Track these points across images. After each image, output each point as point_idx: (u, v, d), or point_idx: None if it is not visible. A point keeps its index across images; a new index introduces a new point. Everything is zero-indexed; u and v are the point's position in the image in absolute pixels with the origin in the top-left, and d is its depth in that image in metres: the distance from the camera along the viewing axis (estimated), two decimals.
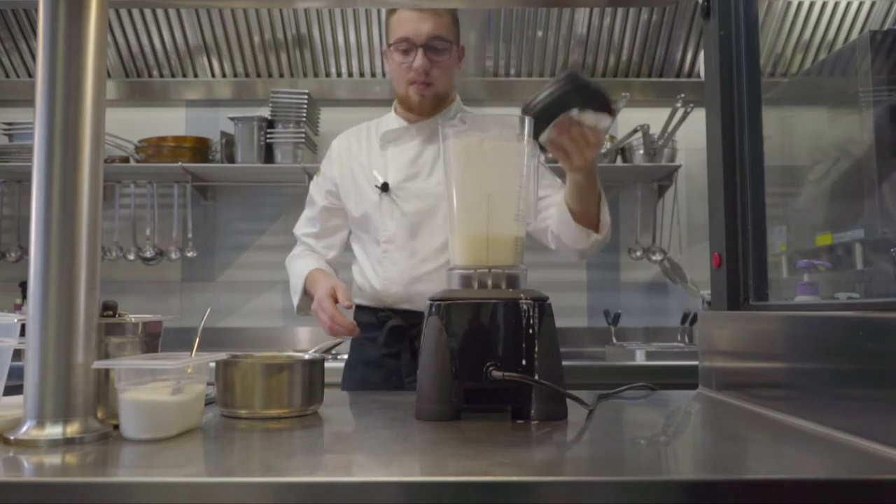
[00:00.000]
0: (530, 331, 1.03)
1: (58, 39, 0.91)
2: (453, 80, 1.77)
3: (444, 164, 1.15)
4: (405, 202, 1.72)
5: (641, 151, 2.97)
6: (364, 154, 1.81)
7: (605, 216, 1.56)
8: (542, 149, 1.32)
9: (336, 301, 1.57)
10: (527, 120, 1.14)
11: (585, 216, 1.54)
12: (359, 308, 1.80)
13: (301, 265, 1.80)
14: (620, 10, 2.87)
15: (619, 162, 3.03)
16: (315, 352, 2.14)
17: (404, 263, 1.71)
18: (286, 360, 1.13)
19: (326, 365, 1.19)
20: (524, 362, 1.02)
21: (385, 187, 1.72)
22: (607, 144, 2.98)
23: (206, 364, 0.97)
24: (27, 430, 0.85)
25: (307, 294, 1.73)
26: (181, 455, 0.84)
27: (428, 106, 1.73)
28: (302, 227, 1.92)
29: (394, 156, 1.76)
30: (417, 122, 1.76)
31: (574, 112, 1.26)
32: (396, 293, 1.72)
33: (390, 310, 1.74)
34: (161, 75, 3.14)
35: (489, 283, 1.08)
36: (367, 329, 1.76)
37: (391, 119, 1.82)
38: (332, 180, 1.83)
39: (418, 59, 1.65)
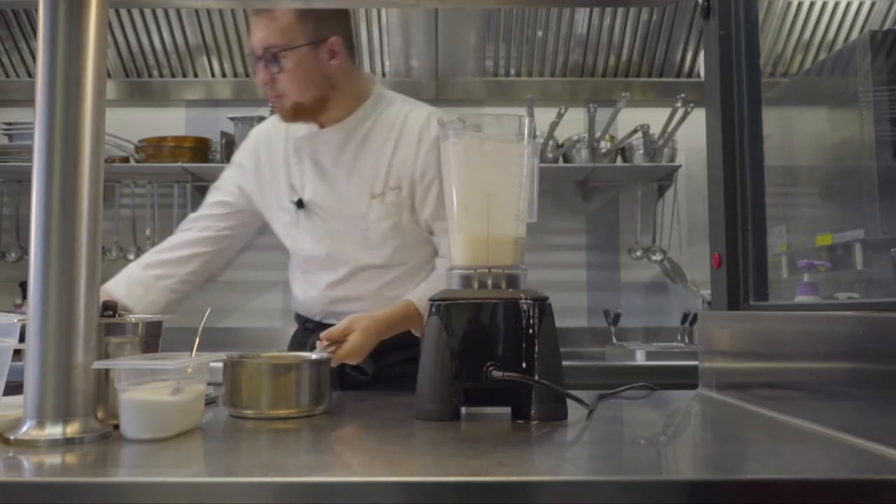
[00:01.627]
0: (530, 331, 1.03)
1: (58, 39, 0.91)
2: (322, 83, 1.52)
3: (443, 164, 1.15)
4: (321, 221, 1.59)
5: (641, 151, 2.96)
6: (279, 160, 1.64)
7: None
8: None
9: None
10: (527, 120, 1.14)
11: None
12: (295, 311, 1.75)
13: (133, 266, 1.65)
14: (620, 10, 2.87)
15: (619, 162, 3.03)
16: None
17: (323, 284, 1.61)
18: (293, 359, 1.13)
19: None
20: (524, 362, 1.02)
21: (300, 203, 1.58)
22: (607, 144, 2.98)
23: (206, 364, 0.97)
24: (27, 430, 0.85)
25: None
26: (181, 455, 0.84)
27: (290, 118, 1.55)
28: (210, 196, 1.76)
29: (308, 166, 1.60)
30: (331, 126, 1.57)
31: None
32: (320, 311, 1.64)
33: (315, 322, 1.67)
34: (161, 75, 3.14)
35: (489, 283, 1.08)
36: (302, 332, 1.73)
37: (302, 124, 1.62)
38: (248, 180, 1.68)
39: (258, 73, 1.50)
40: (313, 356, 1.16)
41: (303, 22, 1.47)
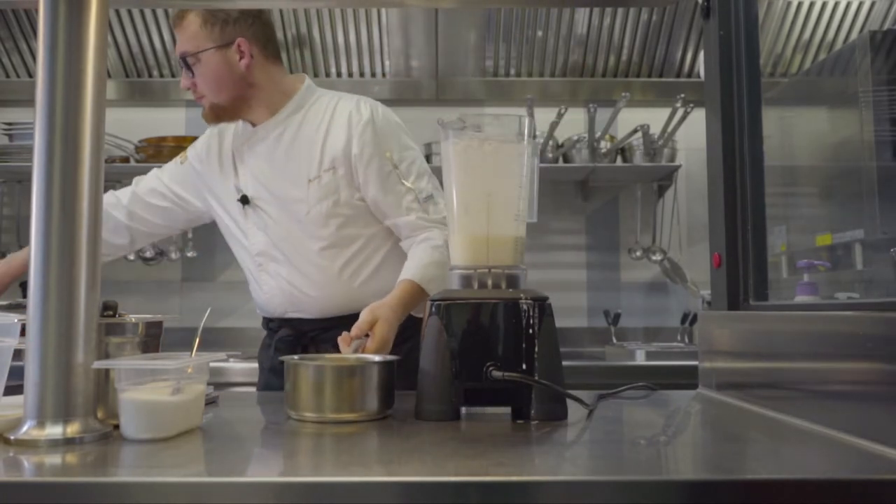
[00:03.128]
0: (530, 331, 1.03)
1: (58, 39, 0.91)
2: (237, 83, 1.60)
3: (443, 164, 1.15)
4: (266, 212, 1.62)
5: (641, 151, 2.97)
6: (217, 161, 1.70)
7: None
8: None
9: None
10: (527, 120, 1.14)
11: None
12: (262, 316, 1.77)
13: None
14: (620, 10, 2.87)
15: (619, 162, 3.03)
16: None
17: (280, 274, 1.63)
18: (356, 362, 1.12)
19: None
20: (524, 362, 1.02)
21: (245, 199, 1.63)
22: (607, 144, 2.98)
23: (206, 364, 0.97)
24: (27, 430, 0.85)
25: None
26: (181, 455, 0.84)
27: (212, 119, 1.65)
28: (144, 181, 1.77)
29: (247, 163, 1.65)
30: (263, 123, 1.64)
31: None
32: (281, 304, 1.65)
33: (280, 319, 1.68)
34: (161, 75, 3.14)
35: (489, 283, 1.08)
36: (268, 335, 1.73)
37: (239, 124, 1.70)
38: (196, 176, 1.73)
39: (182, 79, 1.62)
40: (377, 358, 1.13)
41: (209, 27, 1.56)
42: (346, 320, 1.59)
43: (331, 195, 1.58)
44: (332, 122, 1.61)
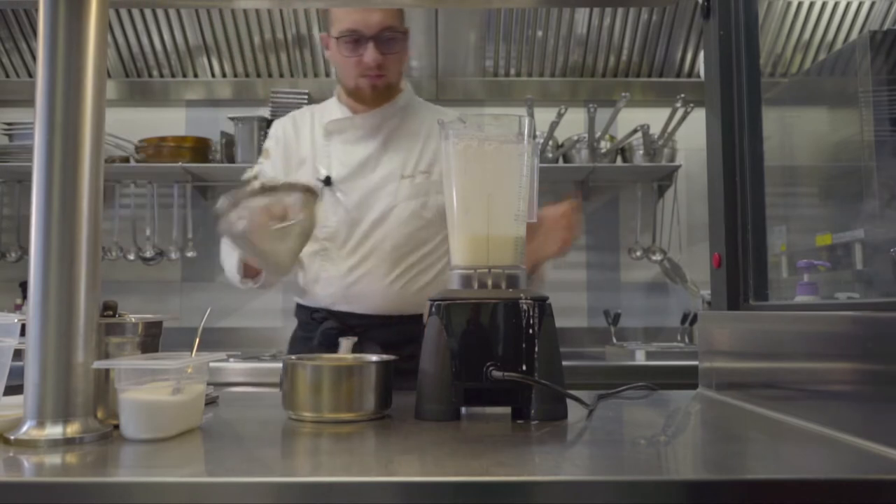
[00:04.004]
0: (530, 331, 1.03)
1: (58, 39, 0.91)
2: (404, 69, 1.68)
3: (443, 164, 1.15)
4: (348, 198, 1.62)
5: (641, 151, 2.97)
6: (306, 143, 1.70)
7: (545, 269, 1.53)
8: None
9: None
10: (527, 120, 1.14)
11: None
12: (297, 305, 1.74)
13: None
14: (620, 10, 2.87)
15: (619, 162, 3.03)
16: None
17: (343, 262, 1.62)
18: (354, 362, 1.11)
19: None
20: (524, 362, 1.02)
21: (328, 181, 1.63)
22: (607, 144, 2.98)
23: (206, 364, 0.97)
24: (27, 430, 0.85)
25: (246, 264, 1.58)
26: (181, 455, 0.84)
27: (381, 97, 1.64)
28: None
29: (337, 148, 1.66)
30: (363, 112, 1.65)
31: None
32: (333, 293, 1.63)
33: (326, 310, 1.66)
34: (161, 75, 3.14)
35: (489, 283, 1.08)
36: (304, 328, 1.71)
37: (334, 108, 1.70)
38: (277, 166, 1.72)
39: (369, 54, 1.54)
40: (374, 358, 1.12)
41: (403, 11, 1.64)
42: (392, 321, 1.61)
43: (420, 196, 1.62)
44: (433, 131, 1.65)
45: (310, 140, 1.69)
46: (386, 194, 1.62)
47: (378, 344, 1.38)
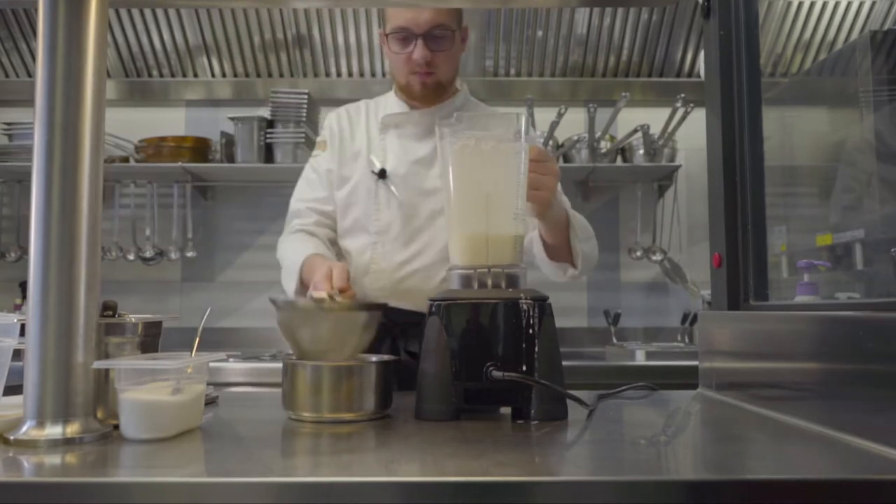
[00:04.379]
0: (530, 331, 1.03)
1: (58, 39, 0.91)
2: (458, 65, 1.68)
3: (440, 163, 1.15)
4: (402, 191, 1.63)
5: (641, 151, 2.97)
6: (361, 136, 1.70)
7: (579, 246, 1.50)
8: None
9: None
10: (524, 118, 1.14)
11: (559, 249, 1.51)
12: None
13: (298, 248, 1.63)
14: (620, 10, 2.87)
15: (619, 162, 3.03)
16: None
17: (395, 256, 1.63)
18: (353, 362, 1.10)
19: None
20: (524, 362, 1.02)
21: (383, 174, 1.63)
22: (607, 144, 2.98)
23: (206, 364, 0.97)
24: (27, 430, 0.85)
25: (303, 284, 1.57)
26: (181, 455, 0.84)
27: (431, 95, 1.64)
28: (305, 193, 1.73)
29: (393, 142, 1.67)
30: (421, 108, 1.67)
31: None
32: (383, 287, 1.63)
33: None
34: (161, 75, 3.14)
35: (489, 282, 1.08)
36: None
37: (392, 102, 1.71)
38: (333, 159, 1.72)
39: (418, 51, 1.56)
40: (374, 358, 1.11)
41: (456, 9, 1.62)
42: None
43: None
44: (487, 129, 1.66)
45: (365, 133, 1.70)
46: (440, 192, 1.60)
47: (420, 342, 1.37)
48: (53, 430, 0.85)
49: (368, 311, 1.13)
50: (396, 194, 1.63)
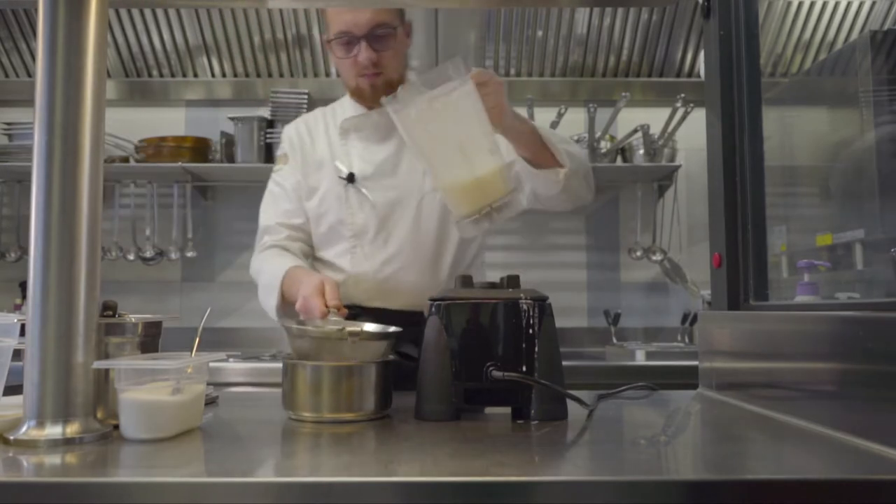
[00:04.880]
0: (530, 331, 1.03)
1: (58, 39, 0.91)
2: (405, 61, 1.66)
3: (406, 138, 1.17)
4: (374, 193, 1.61)
5: (641, 151, 2.96)
6: (322, 144, 1.68)
7: (562, 146, 1.47)
8: None
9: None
10: (460, 61, 1.18)
11: (541, 157, 1.47)
12: None
13: (275, 262, 1.60)
14: (620, 10, 2.87)
15: (619, 162, 3.03)
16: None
17: (376, 257, 1.61)
18: (353, 362, 1.09)
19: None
20: (524, 362, 1.02)
21: (351, 178, 1.62)
22: (607, 144, 2.98)
23: (206, 364, 0.97)
24: (27, 430, 0.85)
25: (285, 298, 1.55)
26: (181, 455, 0.84)
27: (382, 94, 1.58)
28: (274, 216, 1.69)
29: (357, 146, 1.66)
30: (377, 108, 1.62)
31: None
32: (367, 289, 1.61)
33: (360, 307, 1.61)
34: (161, 75, 3.14)
35: (495, 217, 1.14)
36: None
37: (349, 106, 1.69)
38: (296, 171, 1.69)
39: (363, 53, 1.54)
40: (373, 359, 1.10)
41: (395, 6, 1.60)
42: (386, 315, 1.57)
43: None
44: None
45: (326, 141, 1.69)
46: (412, 187, 1.62)
47: (412, 342, 1.36)
48: (53, 430, 0.85)
49: (388, 340, 1.13)
50: (369, 196, 1.62)
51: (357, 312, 1.62)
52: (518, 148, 1.46)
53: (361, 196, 1.62)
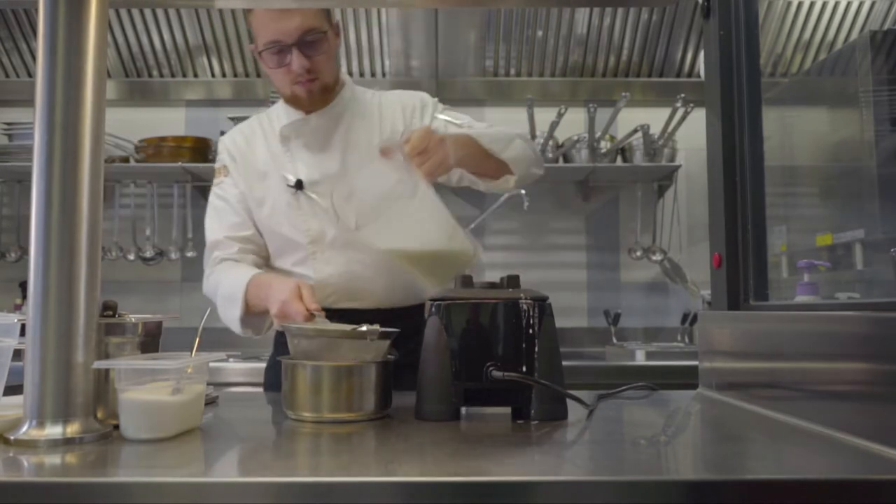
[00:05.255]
0: (530, 331, 1.03)
1: (58, 39, 0.91)
2: (338, 61, 1.63)
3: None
4: (325, 198, 1.56)
5: (641, 151, 2.97)
6: (262, 153, 1.63)
7: (507, 154, 1.46)
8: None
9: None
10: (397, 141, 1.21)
11: (491, 169, 1.48)
12: None
13: (234, 273, 1.56)
14: (620, 10, 2.87)
15: (619, 162, 3.03)
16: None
17: (337, 259, 1.57)
18: (354, 362, 1.09)
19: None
20: (524, 362, 1.02)
21: (300, 185, 1.57)
22: (607, 144, 2.98)
23: (206, 364, 0.97)
24: (27, 430, 0.85)
25: (250, 309, 1.51)
26: (181, 455, 0.84)
27: (319, 99, 1.59)
28: (221, 230, 1.64)
29: (300, 152, 1.61)
30: (317, 109, 1.60)
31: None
32: (333, 294, 1.57)
33: (329, 310, 1.54)
34: (161, 75, 3.14)
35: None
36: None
37: (285, 112, 1.64)
38: (239, 183, 1.64)
39: (295, 61, 1.51)
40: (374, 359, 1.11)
41: (323, 7, 1.56)
42: (406, 313, 1.57)
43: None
44: (384, 110, 1.64)
45: (266, 150, 1.64)
46: (363, 185, 1.54)
47: (391, 343, 1.35)
48: (53, 430, 0.85)
49: (388, 339, 1.13)
50: (320, 202, 1.58)
51: (328, 315, 1.59)
52: (468, 170, 1.48)
53: (312, 203, 1.59)
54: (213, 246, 1.65)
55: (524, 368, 1.02)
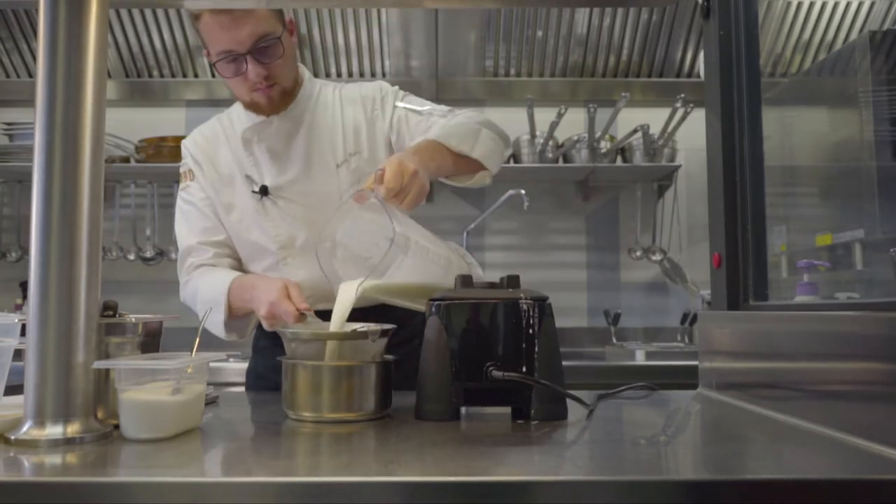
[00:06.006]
0: (530, 331, 1.03)
1: (58, 39, 0.91)
2: (295, 62, 1.57)
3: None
4: (292, 203, 1.54)
5: (641, 151, 2.97)
6: (226, 157, 1.59)
7: (477, 152, 1.44)
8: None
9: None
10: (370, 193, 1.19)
11: (465, 168, 1.47)
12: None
13: (214, 278, 1.53)
14: (620, 10, 2.87)
15: (619, 162, 3.03)
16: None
17: (311, 263, 1.47)
18: (353, 362, 1.08)
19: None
20: (524, 362, 1.02)
21: (264, 191, 1.54)
22: (607, 144, 2.98)
23: (206, 364, 0.97)
24: (27, 430, 0.85)
25: (233, 312, 1.48)
26: (181, 455, 0.84)
27: (279, 103, 1.54)
28: (192, 235, 1.59)
29: (263, 156, 1.57)
30: (278, 113, 1.56)
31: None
32: (311, 295, 1.46)
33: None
34: (161, 75, 3.14)
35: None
36: (271, 336, 1.56)
37: (244, 115, 1.60)
38: (206, 187, 1.59)
39: (252, 69, 1.46)
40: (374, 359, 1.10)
41: (273, 8, 1.48)
42: (376, 311, 1.55)
43: (362, 179, 1.52)
44: (344, 106, 1.59)
45: (229, 153, 1.60)
46: (330, 188, 1.53)
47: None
48: (54, 430, 0.85)
49: (387, 336, 1.13)
50: (287, 207, 1.55)
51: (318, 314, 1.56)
52: (442, 177, 1.47)
53: (279, 207, 1.55)
54: (187, 252, 1.60)
55: (524, 368, 1.02)
